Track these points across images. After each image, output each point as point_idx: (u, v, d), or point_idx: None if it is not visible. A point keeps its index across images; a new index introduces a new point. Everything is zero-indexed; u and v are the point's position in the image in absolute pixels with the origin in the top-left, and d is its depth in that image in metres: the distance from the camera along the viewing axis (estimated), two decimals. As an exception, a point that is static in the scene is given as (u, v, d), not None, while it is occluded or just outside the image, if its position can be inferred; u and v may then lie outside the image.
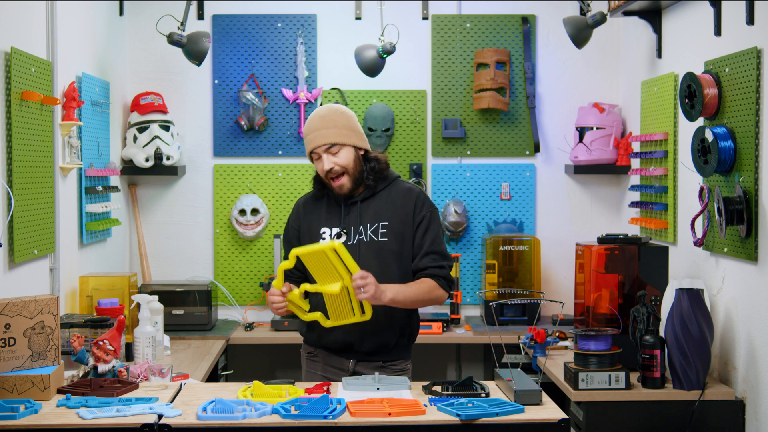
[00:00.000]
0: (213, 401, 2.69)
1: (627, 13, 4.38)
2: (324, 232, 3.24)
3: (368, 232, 3.22)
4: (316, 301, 3.20)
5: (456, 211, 4.89)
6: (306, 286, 3.10)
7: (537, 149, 4.97)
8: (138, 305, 3.71)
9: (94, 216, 4.23)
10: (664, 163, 4.23)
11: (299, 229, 3.30)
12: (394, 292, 3.09)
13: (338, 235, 3.21)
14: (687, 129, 3.93)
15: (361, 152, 3.24)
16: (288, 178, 4.99)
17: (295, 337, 3.46)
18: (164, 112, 4.79)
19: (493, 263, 4.74)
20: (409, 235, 3.24)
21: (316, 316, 3.13)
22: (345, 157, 3.18)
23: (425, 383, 2.97)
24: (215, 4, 4.95)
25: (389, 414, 2.64)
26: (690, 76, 3.61)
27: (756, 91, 3.29)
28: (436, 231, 3.25)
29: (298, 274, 3.24)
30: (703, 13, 3.79)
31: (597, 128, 4.78)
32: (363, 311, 3.10)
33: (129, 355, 3.67)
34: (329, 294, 3.07)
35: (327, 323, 3.14)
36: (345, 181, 3.20)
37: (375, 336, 3.22)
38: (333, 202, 3.29)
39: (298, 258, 3.07)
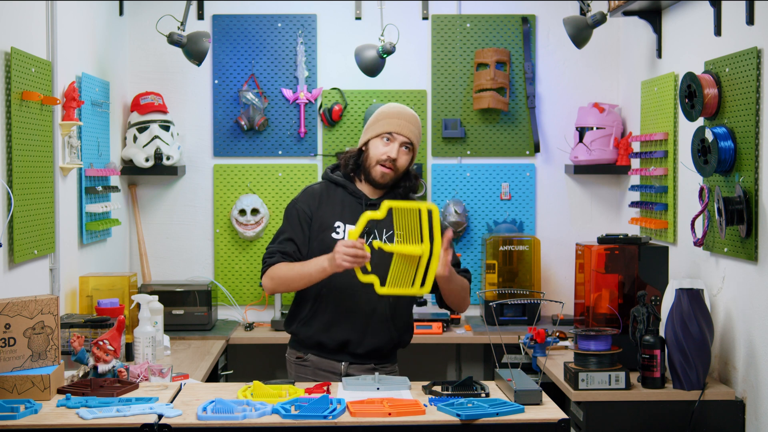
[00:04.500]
0: (213, 401, 2.69)
1: (627, 13, 4.37)
2: (338, 226, 3.22)
3: (383, 237, 3.21)
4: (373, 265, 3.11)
5: (456, 211, 4.89)
6: (379, 244, 3.05)
7: (537, 149, 4.97)
8: (138, 305, 3.71)
9: (94, 216, 4.23)
10: (664, 163, 4.23)
11: (312, 216, 3.25)
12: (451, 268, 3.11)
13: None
14: (687, 129, 3.93)
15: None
16: (288, 178, 4.99)
17: (295, 337, 3.43)
18: (164, 112, 4.79)
19: (493, 263, 4.74)
20: None
21: (372, 278, 3.01)
22: (406, 161, 3.24)
23: (425, 383, 2.97)
24: (215, 4, 4.95)
25: (389, 414, 2.64)
26: (690, 76, 3.61)
27: (756, 91, 3.29)
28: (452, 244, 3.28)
29: (297, 256, 3.21)
30: (703, 13, 3.79)
31: (597, 128, 4.78)
32: (422, 285, 3.00)
33: (129, 355, 3.67)
34: (402, 257, 3.00)
35: (381, 290, 3.01)
36: (391, 173, 3.22)
37: (374, 337, 3.21)
38: (350, 198, 3.27)
39: (296, 242, 3.12)
